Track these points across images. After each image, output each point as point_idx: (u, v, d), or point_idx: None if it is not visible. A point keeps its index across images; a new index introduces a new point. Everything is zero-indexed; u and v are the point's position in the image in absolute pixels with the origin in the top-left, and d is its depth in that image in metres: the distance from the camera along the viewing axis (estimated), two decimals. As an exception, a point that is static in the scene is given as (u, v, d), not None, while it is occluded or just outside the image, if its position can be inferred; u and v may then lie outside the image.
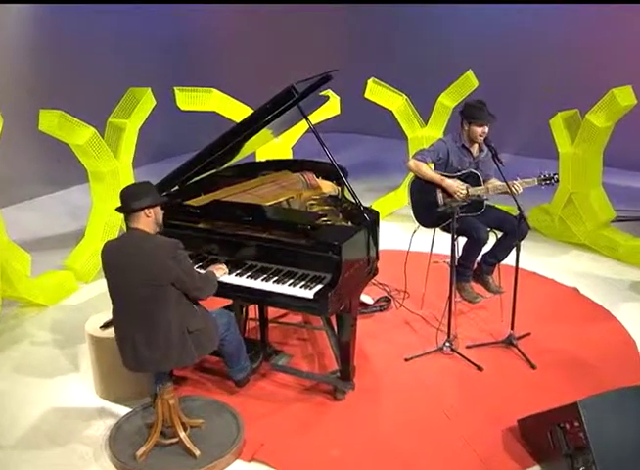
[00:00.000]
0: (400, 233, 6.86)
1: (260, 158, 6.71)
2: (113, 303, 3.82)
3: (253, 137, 4.54)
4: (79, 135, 6.00)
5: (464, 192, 5.11)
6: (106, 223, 6.31)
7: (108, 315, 4.11)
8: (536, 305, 5.59)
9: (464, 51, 9.34)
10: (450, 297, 4.85)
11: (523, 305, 5.01)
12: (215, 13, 9.95)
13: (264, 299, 4.06)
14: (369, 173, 9.46)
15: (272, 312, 5.03)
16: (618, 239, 6.64)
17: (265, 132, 4.70)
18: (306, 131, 6.58)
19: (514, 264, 4.82)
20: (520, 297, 4.89)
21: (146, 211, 3.74)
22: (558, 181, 5.07)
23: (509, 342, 4.96)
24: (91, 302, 5.88)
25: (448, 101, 7.37)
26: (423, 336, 5.18)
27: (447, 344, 4.91)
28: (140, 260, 3.64)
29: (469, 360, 4.78)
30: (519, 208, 4.72)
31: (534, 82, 9.30)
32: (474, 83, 7.27)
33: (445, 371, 4.74)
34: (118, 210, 3.82)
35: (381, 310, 5.57)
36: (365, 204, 7.95)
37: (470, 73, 7.29)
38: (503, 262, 5.53)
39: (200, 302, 3.91)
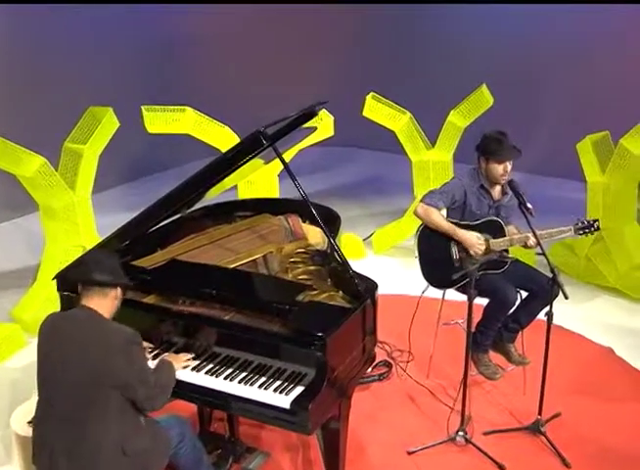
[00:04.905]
0: (402, 272, 5.99)
1: (242, 188, 5.83)
2: (38, 394, 2.95)
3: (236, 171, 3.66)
4: (26, 165, 5.09)
5: (482, 248, 4.18)
6: (60, 266, 5.38)
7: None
8: (565, 371, 4.67)
9: (478, 62, 8.27)
10: (465, 378, 3.95)
11: (549, 372, 4.01)
12: (195, 16, 8.60)
13: (226, 404, 3.10)
14: (370, 194, 8.56)
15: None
16: (657, 284, 5.72)
17: (254, 162, 3.80)
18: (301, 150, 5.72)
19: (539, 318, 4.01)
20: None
21: (119, 291, 2.92)
22: (599, 229, 4.18)
23: (536, 429, 4.07)
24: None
25: (459, 120, 6.41)
26: (430, 416, 4.29)
27: (461, 433, 4.01)
28: (82, 351, 2.79)
29: (487, 455, 3.90)
30: (552, 269, 3.81)
31: (556, 97, 8.24)
32: (489, 100, 6.32)
33: (458, 470, 3.86)
34: (78, 278, 2.96)
35: (380, 380, 4.67)
36: (366, 233, 7.29)
37: (484, 88, 6.35)
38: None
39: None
